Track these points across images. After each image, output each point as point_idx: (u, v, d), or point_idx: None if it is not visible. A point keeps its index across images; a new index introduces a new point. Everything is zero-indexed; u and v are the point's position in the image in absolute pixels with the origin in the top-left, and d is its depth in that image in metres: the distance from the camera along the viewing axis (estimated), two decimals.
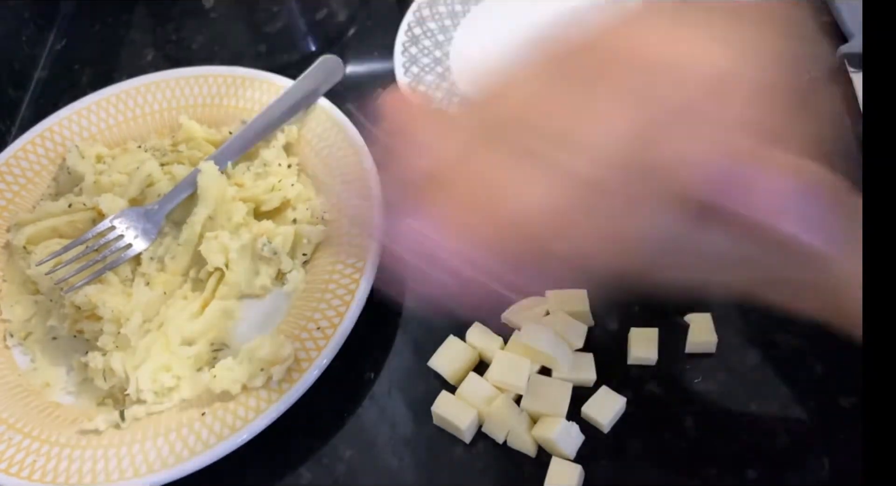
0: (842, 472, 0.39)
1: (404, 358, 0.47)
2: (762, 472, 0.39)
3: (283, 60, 0.66)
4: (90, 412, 0.47)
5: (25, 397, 0.48)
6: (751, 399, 0.41)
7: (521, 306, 0.46)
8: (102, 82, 0.63)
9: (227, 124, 0.57)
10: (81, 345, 0.49)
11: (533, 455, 0.41)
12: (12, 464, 0.43)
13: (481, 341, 0.45)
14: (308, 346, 0.44)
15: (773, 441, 0.40)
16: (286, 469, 0.44)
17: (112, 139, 0.59)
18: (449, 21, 0.62)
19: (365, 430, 0.44)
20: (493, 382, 0.43)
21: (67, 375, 0.49)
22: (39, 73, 0.70)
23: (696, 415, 0.41)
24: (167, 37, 0.71)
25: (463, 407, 0.42)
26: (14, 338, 0.51)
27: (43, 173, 0.57)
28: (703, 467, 0.40)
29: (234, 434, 0.42)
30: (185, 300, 0.49)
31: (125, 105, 0.59)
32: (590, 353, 0.44)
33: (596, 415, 0.41)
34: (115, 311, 0.47)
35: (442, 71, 0.59)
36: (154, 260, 0.50)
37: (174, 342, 0.47)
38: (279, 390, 0.43)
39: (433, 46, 0.60)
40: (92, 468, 0.43)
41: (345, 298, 0.46)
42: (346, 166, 0.52)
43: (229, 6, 0.71)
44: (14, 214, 0.55)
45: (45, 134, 0.58)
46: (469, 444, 0.42)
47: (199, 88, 0.59)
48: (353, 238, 0.49)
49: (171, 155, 0.56)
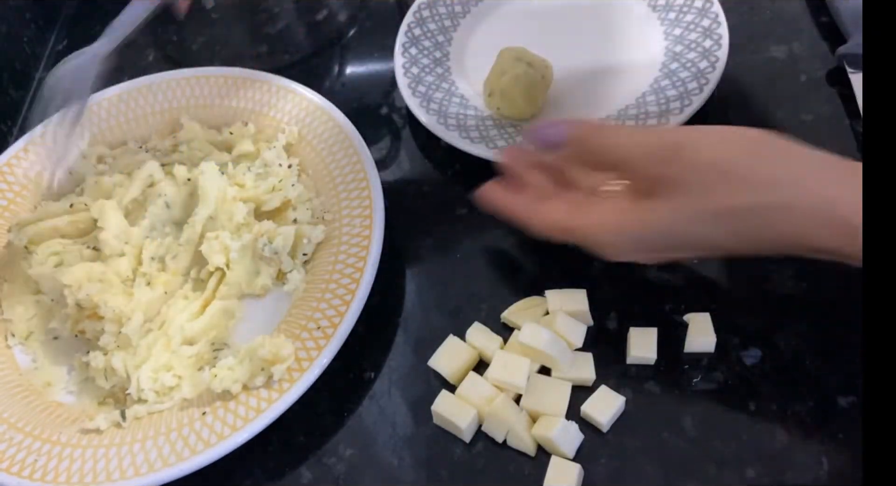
0: (841, 471, 0.39)
1: (404, 358, 0.47)
2: (761, 471, 0.39)
3: (284, 61, 0.66)
4: (91, 411, 0.47)
5: (27, 397, 0.48)
6: (750, 399, 0.41)
7: (521, 305, 0.46)
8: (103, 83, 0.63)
9: (227, 125, 0.58)
10: (83, 344, 0.49)
11: (532, 455, 0.41)
12: (13, 463, 0.44)
13: (481, 340, 0.45)
14: (308, 345, 0.44)
15: (771, 441, 0.40)
16: (286, 469, 0.44)
17: (113, 139, 0.59)
18: (449, 22, 0.62)
19: (365, 430, 0.44)
20: (493, 381, 0.43)
21: (69, 374, 0.49)
22: (40, 73, 0.71)
23: (695, 414, 0.41)
24: (168, 37, 0.71)
25: (463, 407, 0.42)
26: (15, 338, 0.51)
27: (44, 174, 0.57)
28: (703, 466, 0.40)
29: (235, 433, 0.42)
30: (185, 300, 0.49)
31: (126, 105, 0.59)
32: (589, 352, 0.44)
33: (595, 414, 0.41)
34: (117, 310, 0.47)
35: (442, 71, 0.59)
36: (155, 260, 0.50)
37: (175, 342, 0.47)
38: (279, 389, 0.43)
39: (433, 47, 0.60)
40: (93, 467, 0.43)
41: (345, 298, 0.46)
42: (346, 166, 0.52)
43: (230, 7, 0.71)
44: (15, 215, 0.55)
45: (46, 134, 0.58)
46: (469, 443, 0.42)
47: (199, 88, 0.59)
48: (352, 238, 0.49)
49: (171, 155, 0.57)
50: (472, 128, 0.54)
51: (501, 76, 0.53)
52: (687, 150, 0.36)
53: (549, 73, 0.54)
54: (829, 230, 0.33)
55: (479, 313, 0.47)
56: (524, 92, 0.53)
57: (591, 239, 0.39)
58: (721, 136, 0.36)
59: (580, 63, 0.57)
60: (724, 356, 0.43)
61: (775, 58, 0.56)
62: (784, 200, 0.34)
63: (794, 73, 0.55)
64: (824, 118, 0.52)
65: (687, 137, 0.36)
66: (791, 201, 0.33)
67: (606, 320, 0.45)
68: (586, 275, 0.47)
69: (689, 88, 0.52)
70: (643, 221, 0.37)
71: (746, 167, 0.34)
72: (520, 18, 0.62)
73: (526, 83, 0.53)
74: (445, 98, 0.56)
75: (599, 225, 0.38)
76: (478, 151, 0.52)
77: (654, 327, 0.44)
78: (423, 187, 0.55)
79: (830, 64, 0.54)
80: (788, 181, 0.34)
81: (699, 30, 0.55)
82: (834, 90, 0.53)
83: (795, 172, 0.34)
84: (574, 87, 0.56)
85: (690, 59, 0.54)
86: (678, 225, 0.36)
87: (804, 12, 0.58)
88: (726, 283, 0.46)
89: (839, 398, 0.41)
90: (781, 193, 0.34)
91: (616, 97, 0.54)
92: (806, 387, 0.41)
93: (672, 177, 0.35)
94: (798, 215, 0.33)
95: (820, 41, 0.56)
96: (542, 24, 0.61)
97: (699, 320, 0.44)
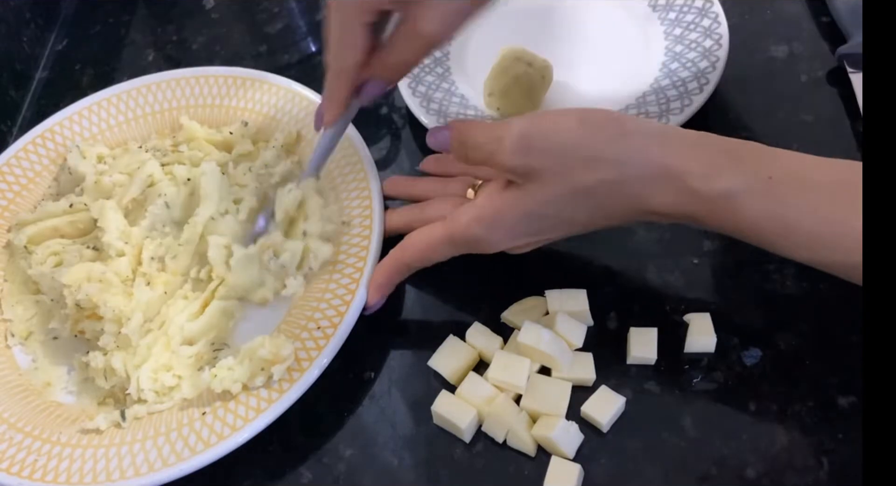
0: (841, 471, 0.39)
1: (404, 358, 0.47)
2: (761, 471, 0.39)
3: (284, 61, 0.66)
4: (91, 411, 0.47)
5: (27, 397, 0.48)
6: (750, 399, 0.41)
7: (521, 306, 0.46)
8: (103, 83, 0.64)
9: (227, 124, 0.58)
10: (82, 345, 0.49)
11: (532, 455, 0.41)
12: (13, 463, 0.44)
13: (481, 340, 0.45)
14: (308, 345, 0.44)
15: (772, 441, 0.40)
16: (286, 469, 0.44)
17: (113, 139, 0.59)
18: None
19: (365, 430, 0.44)
20: (493, 381, 0.43)
21: (68, 374, 0.49)
22: (40, 73, 0.71)
23: (695, 415, 0.41)
24: (168, 37, 0.71)
25: (463, 407, 0.42)
26: (15, 338, 0.51)
27: (44, 174, 0.57)
28: (703, 466, 0.40)
29: (235, 433, 0.42)
30: (185, 300, 0.49)
31: (126, 105, 0.59)
32: (589, 352, 0.44)
33: (595, 414, 0.41)
34: (116, 311, 0.47)
35: (442, 71, 0.59)
36: (155, 260, 0.50)
37: (175, 342, 0.47)
38: (279, 389, 0.43)
39: None
40: (93, 467, 0.43)
41: (345, 298, 0.46)
42: (346, 166, 0.52)
43: (230, 6, 0.71)
44: (15, 215, 0.55)
45: (46, 134, 0.58)
46: (469, 443, 0.43)
47: (199, 88, 0.59)
48: (352, 238, 0.49)
49: (171, 155, 0.56)
50: None
51: (501, 76, 0.53)
52: (536, 138, 0.39)
53: (549, 73, 0.54)
54: (671, 194, 0.37)
55: (479, 313, 0.47)
56: (524, 92, 0.53)
57: (466, 236, 0.42)
58: (567, 119, 0.39)
59: (580, 63, 0.57)
60: (724, 356, 0.43)
61: (775, 58, 0.56)
62: (630, 173, 0.37)
63: (794, 73, 0.55)
64: (824, 118, 0.52)
65: (535, 126, 0.39)
66: (635, 172, 0.37)
67: (606, 320, 0.45)
68: (586, 275, 0.47)
69: (690, 87, 0.52)
70: (511, 207, 0.40)
71: (593, 148, 0.38)
72: (520, 18, 0.62)
73: (526, 83, 0.53)
74: (445, 98, 0.56)
75: (474, 219, 0.41)
76: None
77: (654, 327, 0.44)
78: None
79: (830, 64, 0.54)
80: (631, 155, 0.37)
81: (699, 30, 0.55)
82: (834, 90, 0.53)
83: (637, 145, 0.38)
84: (574, 87, 0.56)
85: (691, 59, 0.54)
86: (541, 207, 0.39)
87: (804, 12, 0.58)
88: (726, 283, 0.46)
89: (839, 398, 0.41)
90: (626, 167, 0.37)
91: (616, 97, 0.54)
92: (806, 387, 0.41)
93: (530, 165, 0.39)
94: (642, 184, 0.37)
95: (820, 41, 0.56)
96: (542, 24, 0.61)
97: (699, 320, 0.44)
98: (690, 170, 0.37)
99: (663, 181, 0.37)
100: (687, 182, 0.37)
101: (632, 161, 0.37)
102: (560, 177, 0.38)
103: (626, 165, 0.37)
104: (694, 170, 0.37)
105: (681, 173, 0.37)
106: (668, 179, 0.37)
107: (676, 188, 0.37)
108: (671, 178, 0.37)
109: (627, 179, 0.38)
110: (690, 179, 0.37)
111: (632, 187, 0.38)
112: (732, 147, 0.38)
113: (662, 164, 0.37)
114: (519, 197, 0.40)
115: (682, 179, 0.37)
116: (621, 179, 0.38)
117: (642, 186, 0.38)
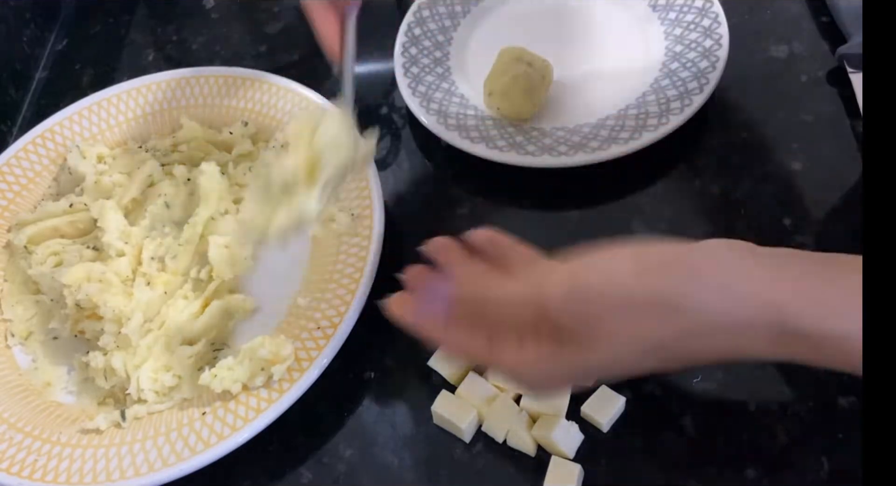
0: (841, 471, 0.39)
1: (405, 358, 0.47)
2: (761, 471, 0.39)
3: (283, 60, 0.66)
4: (91, 411, 0.47)
5: (26, 397, 0.48)
6: (750, 399, 0.41)
7: None
8: (103, 83, 0.64)
9: (227, 124, 0.58)
10: (82, 345, 0.49)
11: (532, 455, 0.41)
12: (13, 463, 0.44)
13: None
14: (308, 345, 0.44)
15: (772, 441, 0.40)
16: (286, 469, 0.44)
17: (113, 139, 0.59)
18: (449, 21, 0.62)
19: (365, 430, 0.44)
20: (493, 381, 0.43)
21: (68, 374, 0.49)
22: (40, 73, 0.71)
23: (695, 415, 0.41)
24: (168, 37, 0.71)
25: (463, 407, 0.42)
26: (15, 338, 0.51)
27: (44, 174, 0.57)
28: (703, 466, 0.40)
29: (235, 433, 0.42)
30: (185, 300, 0.49)
31: (126, 105, 0.59)
32: None
33: (595, 414, 0.41)
34: (116, 311, 0.47)
35: (442, 71, 0.59)
36: (155, 260, 0.50)
37: (175, 342, 0.47)
38: (279, 389, 0.43)
39: (433, 47, 0.60)
40: (93, 467, 0.43)
41: (345, 298, 0.46)
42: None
43: (230, 7, 0.71)
44: (15, 214, 0.55)
45: (45, 134, 0.58)
46: (469, 443, 0.42)
47: (199, 88, 0.59)
48: (352, 238, 0.49)
49: (171, 155, 0.57)
50: (472, 128, 0.54)
51: (501, 76, 0.53)
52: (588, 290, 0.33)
53: (549, 73, 0.54)
54: (765, 340, 0.30)
55: None
56: (524, 92, 0.53)
57: (517, 377, 0.36)
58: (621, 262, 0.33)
59: (580, 63, 0.57)
60: None
61: (775, 58, 0.56)
62: (712, 321, 0.31)
63: (794, 73, 0.55)
64: (824, 118, 0.52)
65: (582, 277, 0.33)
66: (719, 320, 0.30)
67: None
68: None
69: (690, 87, 0.52)
70: (576, 366, 0.34)
71: (659, 293, 0.31)
72: (520, 18, 0.62)
73: (526, 83, 0.53)
74: (445, 98, 0.56)
75: (526, 366, 0.35)
76: (478, 151, 0.52)
77: None
78: (423, 187, 0.55)
79: (830, 64, 0.54)
80: (708, 300, 0.31)
81: (699, 29, 0.55)
82: (834, 90, 0.53)
83: (715, 284, 0.31)
84: (574, 86, 0.56)
85: (691, 59, 0.54)
86: (610, 367, 0.34)
87: (804, 12, 0.58)
88: None
89: (839, 398, 0.41)
90: (707, 315, 0.31)
91: (616, 97, 0.54)
92: (806, 387, 0.41)
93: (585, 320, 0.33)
94: (728, 334, 0.31)
95: (820, 41, 0.56)
96: (542, 24, 0.61)
97: None
98: (791, 309, 0.30)
99: (756, 328, 0.30)
100: (789, 324, 0.30)
101: (712, 307, 0.30)
102: (620, 336, 0.32)
103: (705, 313, 0.30)
104: (795, 308, 0.30)
105: (779, 315, 0.30)
106: (765, 326, 0.30)
107: (774, 334, 0.30)
108: (769, 325, 0.30)
109: (710, 331, 0.31)
110: (794, 320, 0.30)
111: (714, 338, 0.31)
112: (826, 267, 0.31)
113: (754, 305, 0.30)
114: (579, 357, 0.33)
115: (781, 322, 0.30)
116: (701, 330, 0.31)
117: (729, 336, 0.31)
